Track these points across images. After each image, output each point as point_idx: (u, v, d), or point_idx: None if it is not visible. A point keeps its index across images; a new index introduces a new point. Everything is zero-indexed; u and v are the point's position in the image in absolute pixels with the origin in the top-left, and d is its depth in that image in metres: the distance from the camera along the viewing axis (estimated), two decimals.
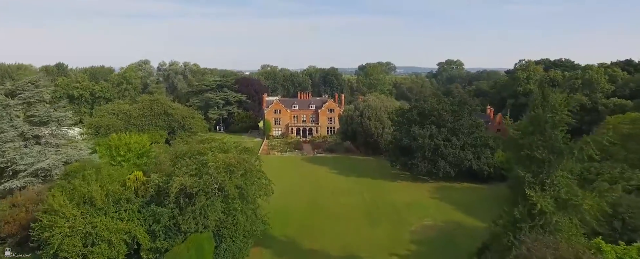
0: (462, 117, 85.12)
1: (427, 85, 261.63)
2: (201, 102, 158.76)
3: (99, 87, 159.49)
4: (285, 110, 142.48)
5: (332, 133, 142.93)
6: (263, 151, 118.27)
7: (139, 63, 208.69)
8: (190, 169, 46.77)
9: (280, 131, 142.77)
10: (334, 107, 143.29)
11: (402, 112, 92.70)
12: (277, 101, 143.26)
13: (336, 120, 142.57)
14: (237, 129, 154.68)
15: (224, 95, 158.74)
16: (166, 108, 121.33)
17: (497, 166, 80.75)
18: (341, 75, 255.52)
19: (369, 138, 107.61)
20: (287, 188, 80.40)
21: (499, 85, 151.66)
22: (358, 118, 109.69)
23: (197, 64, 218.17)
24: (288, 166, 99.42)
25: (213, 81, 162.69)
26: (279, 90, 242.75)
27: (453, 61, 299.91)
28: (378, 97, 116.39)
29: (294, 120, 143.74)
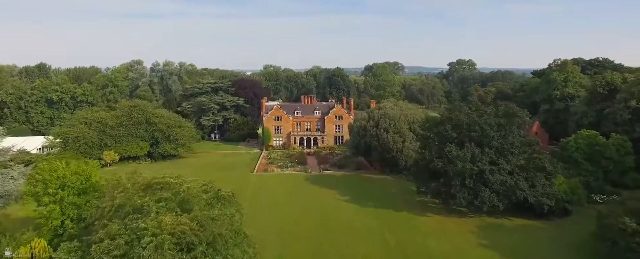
0: (510, 133, 65.00)
1: (438, 87, 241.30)
2: (194, 107, 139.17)
3: (80, 90, 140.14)
4: (286, 117, 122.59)
5: (340, 143, 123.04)
6: (260, 167, 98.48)
7: (131, 63, 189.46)
8: (113, 249, 26.95)
9: (281, 141, 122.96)
10: (342, 114, 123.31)
11: (430, 125, 72.66)
12: (278, 107, 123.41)
13: (345, 128, 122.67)
14: (234, 137, 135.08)
15: (219, 99, 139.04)
16: (148, 116, 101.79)
17: (558, 197, 60.55)
18: (348, 76, 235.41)
19: (386, 154, 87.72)
20: (285, 226, 61.12)
21: (529, 88, 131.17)
22: (373, 129, 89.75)
23: (193, 64, 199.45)
24: (288, 190, 79.63)
25: (207, 83, 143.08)
26: (282, 92, 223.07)
27: (464, 61, 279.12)
28: (396, 103, 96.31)
29: (296, 128, 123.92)
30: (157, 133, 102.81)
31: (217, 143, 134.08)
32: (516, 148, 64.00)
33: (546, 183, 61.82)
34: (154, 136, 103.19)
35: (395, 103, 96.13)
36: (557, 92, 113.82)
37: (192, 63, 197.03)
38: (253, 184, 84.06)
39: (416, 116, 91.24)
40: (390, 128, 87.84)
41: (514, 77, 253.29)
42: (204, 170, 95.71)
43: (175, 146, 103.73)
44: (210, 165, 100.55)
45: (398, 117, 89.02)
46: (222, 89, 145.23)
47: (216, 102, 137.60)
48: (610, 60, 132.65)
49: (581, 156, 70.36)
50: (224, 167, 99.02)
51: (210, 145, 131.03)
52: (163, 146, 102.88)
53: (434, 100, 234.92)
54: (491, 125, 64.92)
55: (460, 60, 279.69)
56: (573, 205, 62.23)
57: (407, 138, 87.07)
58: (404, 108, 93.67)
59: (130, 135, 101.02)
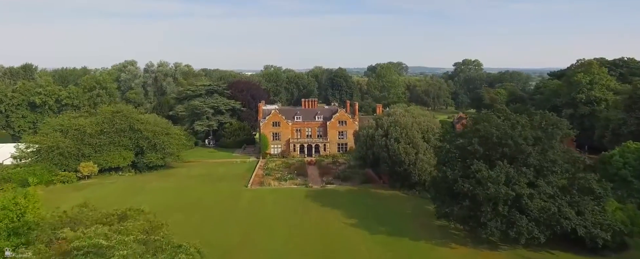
0: (551, 148, 53.66)
1: (444, 88, 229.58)
2: (187, 111, 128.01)
3: (65, 93, 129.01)
4: (285, 122, 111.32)
5: (344, 151, 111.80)
6: (255, 180, 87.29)
7: (123, 64, 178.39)
8: None
9: (279, 148, 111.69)
10: (345, 119, 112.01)
11: (452, 136, 61.36)
12: (276, 111, 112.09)
13: (349, 134, 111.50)
14: (229, 144, 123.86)
15: (214, 102, 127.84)
16: (132, 123, 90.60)
17: (616, 228, 49.05)
18: (351, 77, 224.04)
19: (397, 167, 76.44)
20: None
21: (548, 90, 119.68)
22: (382, 139, 78.48)
23: (189, 65, 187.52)
24: (285, 209, 68.39)
25: (201, 85, 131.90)
26: (282, 93, 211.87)
27: (470, 61, 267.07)
28: (406, 109, 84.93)
29: (296, 135, 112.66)
30: (142, 142, 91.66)
31: (211, 150, 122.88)
32: (558, 166, 52.64)
33: (596, 208, 50.40)
34: (138, 145, 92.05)
35: (405, 109, 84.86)
36: (581, 96, 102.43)
37: (188, 64, 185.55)
38: (246, 201, 72.80)
39: (430, 124, 79.95)
40: (402, 138, 76.52)
41: (523, 77, 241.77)
42: (191, 183, 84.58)
43: (162, 155, 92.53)
44: (199, 177, 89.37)
45: (410, 125, 77.69)
46: (218, 92, 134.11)
47: (210, 106, 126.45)
48: (636, 60, 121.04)
49: (631, 173, 58.88)
50: (215, 179, 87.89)
51: (203, 152, 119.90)
52: (148, 156, 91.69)
53: (440, 102, 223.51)
54: (527, 138, 53.55)
55: (466, 60, 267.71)
56: (633, 237, 50.84)
57: (421, 149, 75.78)
58: (416, 114, 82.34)
59: (112, 143, 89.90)
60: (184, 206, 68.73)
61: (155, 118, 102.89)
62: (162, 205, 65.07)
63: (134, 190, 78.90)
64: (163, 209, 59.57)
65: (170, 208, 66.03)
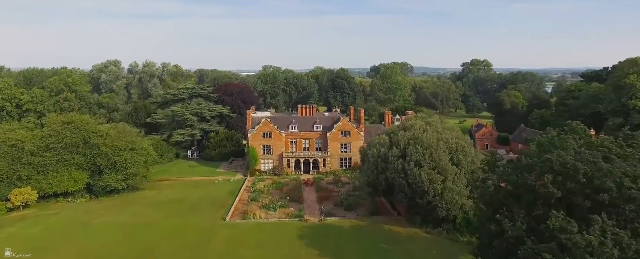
0: None
1: (453, 89, 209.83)
2: (166, 119, 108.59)
3: (27, 97, 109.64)
4: (278, 133, 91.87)
5: (347, 167, 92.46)
6: (237, 209, 68.06)
7: (105, 64, 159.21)
8: None
9: (271, 163, 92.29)
10: (349, 129, 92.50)
11: (502, 169, 41.78)
12: (267, 120, 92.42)
13: (353, 147, 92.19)
14: (214, 156, 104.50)
15: (197, 108, 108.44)
16: (87, 136, 70.96)
17: None
18: (354, 78, 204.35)
19: (418, 198, 57.05)
20: None
21: (585, 95, 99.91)
22: (397, 161, 59.02)
23: (178, 65, 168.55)
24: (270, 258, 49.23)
25: (182, 89, 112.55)
26: (280, 96, 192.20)
27: (479, 61, 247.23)
28: (427, 121, 64.89)
29: (291, 147, 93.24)
30: (100, 160, 72.28)
31: (193, 163, 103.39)
32: None
33: None
34: (95, 164, 72.70)
35: (426, 121, 65.03)
36: (635, 102, 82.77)
37: (176, 64, 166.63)
38: (219, 246, 53.39)
39: (460, 141, 60.34)
40: (425, 160, 57.00)
41: (537, 78, 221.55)
42: (154, 215, 65.10)
43: (123, 176, 73.12)
44: (167, 205, 69.94)
45: (435, 144, 58.12)
46: (202, 96, 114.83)
47: (193, 112, 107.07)
48: None
49: None
50: (186, 208, 68.55)
51: (183, 166, 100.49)
52: (107, 177, 72.29)
53: (449, 105, 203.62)
54: (632, 176, 34.07)
55: (474, 60, 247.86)
56: None
57: (449, 175, 56.35)
58: (439, 128, 62.67)
59: (60, 162, 70.56)
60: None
61: (122, 129, 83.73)
62: None
63: (74, 227, 59.41)
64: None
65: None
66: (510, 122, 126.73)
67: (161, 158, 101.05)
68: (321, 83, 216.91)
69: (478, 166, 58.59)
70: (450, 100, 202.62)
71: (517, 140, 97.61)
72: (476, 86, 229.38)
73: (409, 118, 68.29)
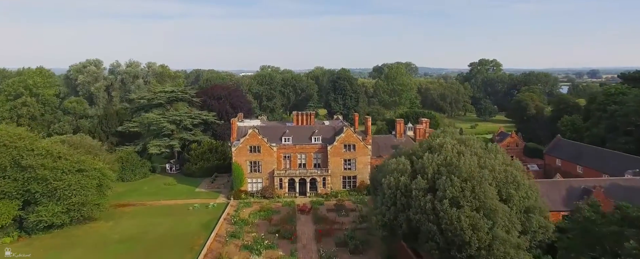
0: None
1: (462, 91, 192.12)
2: (140, 127, 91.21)
3: None
4: (269, 147, 74.43)
5: (352, 187, 75.20)
6: (211, 249, 50.97)
7: (84, 64, 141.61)
8: None
9: (259, 183, 74.92)
10: (354, 142, 75.05)
11: None
12: (255, 131, 74.77)
13: (358, 163, 74.93)
14: (195, 172, 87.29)
15: (176, 114, 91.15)
16: (19, 155, 53.53)
17: None
18: (356, 79, 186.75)
19: (456, 250, 39.65)
20: None
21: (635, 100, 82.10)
22: (424, 197, 41.65)
23: (165, 65, 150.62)
24: None
25: (159, 92, 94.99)
26: (277, 98, 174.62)
27: (488, 61, 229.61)
28: (460, 139, 47.09)
29: (285, 164, 75.86)
30: (36, 186, 54.95)
31: (170, 180, 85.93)
32: None
33: None
34: (28, 191, 55.38)
35: (458, 139, 47.52)
36: None
37: (163, 64, 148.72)
38: None
39: (510, 170, 42.76)
40: (464, 198, 39.55)
41: (551, 79, 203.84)
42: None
43: (65, 207, 55.74)
44: (119, 246, 52.61)
45: (477, 174, 40.61)
46: (183, 100, 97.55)
47: (171, 119, 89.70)
48: None
49: None
50: (142, 252, 51.21)
51: (158, 184, 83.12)
52: (42, 209, 54.89)
53: (458, 108, 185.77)
54: None
55: (483, 60, 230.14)
56: None
57: (500, 218, 38.95)
58: (479, 151, 45.09)
59: None
60: None
61: (78, 142, 66.72)
62: None
63: None
64: None
65: None
66: (534, 129, 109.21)
67: (133, 174, 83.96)
68: (321, 84, 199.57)
69: (536, 202, 41.60)
70: (459, 103, 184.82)
71: (554, 154, 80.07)
72: (485, 87, 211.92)
73: (435, 134, 50.66)
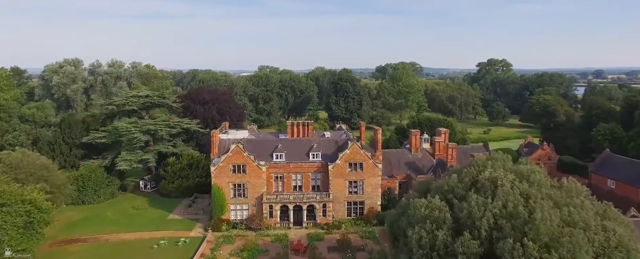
0: None
1: (472, 93, 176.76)
2: (108, 138, 76.09)
3: None
4: (256, 166, 59.25)
5: (359, 216, 60.22)
6: None
7: (61, 64, 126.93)
8: None
9: (245, 211, 59.80)
10: (362, 159, 59.82)
11: None
12: (239, 146, 59.47)
13: (367, 186, 59.96)
14: (172, 191, 72.29)
15: (150, 124, 76.05)
16: None
17: None
18: (359, 81, 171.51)
19: None
20: None
21: None
22: None
23: (150, 65, 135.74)
24: None
25: (132, 97, 79.72)
26: (274, 100, 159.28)
27: (497, 61, 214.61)
28: (517, 171, 31.96)
29: (276, 186, 60.79)
30: None
31: (141, 202, 70.74)
32: None
33: None
34: None
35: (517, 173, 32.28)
36: None
37: (149, 64, 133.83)
38: None
39: (611, 227, 27.67)
40: None
41: (566, 80, 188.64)
42: None
43: None
44: None
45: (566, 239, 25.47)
46: (163, 105, 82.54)
47: (144, 129, 74.59)
48: None
49: None
50: None
51: (125, 207, 67.97)
52: None
53: (467, 111, 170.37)
54: None
55: (492, 60, 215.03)
56: None
57: None
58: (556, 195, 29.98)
59: None
60: None
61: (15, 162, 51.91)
62: None
63: None
64: None
65: None
66: (563, 138, 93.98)
67: (96, 196, 68.97)
68: (322, 85, 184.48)
69: None
70: (469, 105, 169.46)
71: (604, 173, 64.90)
72: (495, 88, 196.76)
73: (478, 163, 35.37)
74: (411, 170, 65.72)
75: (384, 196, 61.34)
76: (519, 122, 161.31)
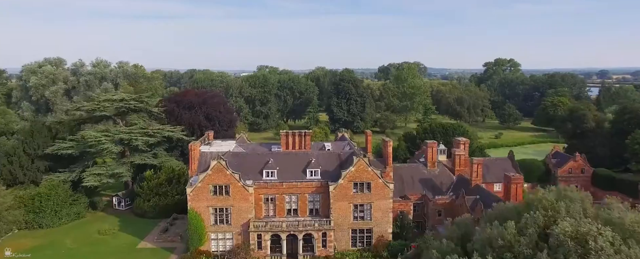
0: None
1: (480, 94, 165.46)
2: (76, 148, 65.14)
3: None
4: (242, 187, 48.22)
5: (366, 246, 49.10)
6: None
7: (41, 63, 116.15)
8: None
9: (229, 240, 48.72)
10: (369, 179, 48.68)
11: None
12: (221, 163, 48.42)
13: (375, 210, 48.90)
14: (149, 211, 61.44)
15: (124, 132, 65.09)
16: None
17: None
18: (362, 81, 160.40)
19: None
20: None
21: None
22: None
23: (139, 65, 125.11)
24: None
25: (105, 101, 68.62)
26: (272, 102, 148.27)
27: (505, 60, 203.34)
28: (620, 226, 21.86)
29: (267, 210, 49.78)
30: None
31: (112, 223, 59.87)
32: None
33: None
34: None
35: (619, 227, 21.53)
36: None
37: (137, 64, 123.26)
38: None
39: None
40: None
41: (578, 81, 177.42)
42: None
43: None
44: None
45: None
46: (140, 111, 71.52)
47: (116, 139, 63.64)
48: None
49: None
50: None
51: (90, 232, 56.95)
52: None
53: (476, 113, 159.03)
54: None
55: (499, 59, 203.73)
56: None
57: None
58: None
59: None
60: None
61: None
62: None
63: None
64: None
65: None
66: (592, 146, 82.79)
67: (56, 218, 58.01)
68: (322, 86, 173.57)
69: None
70: (477, 107, 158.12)
71: None
72: (502, 89, 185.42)
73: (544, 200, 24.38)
74: (427, 188, 54.70)
75: (396, 223, 50.30)
76: (531, 126, 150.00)
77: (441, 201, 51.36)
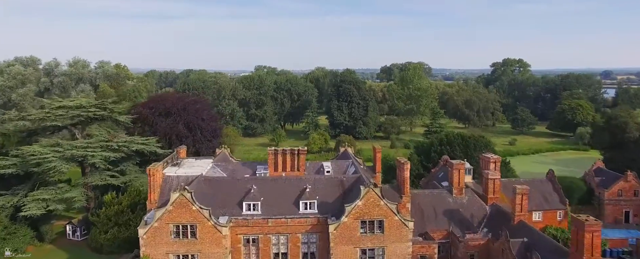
0: None
1: (490, 97, 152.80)
2: (19, 166, 52.38)
3: None
4: (212, 226, 35.72)
5: None
6: None
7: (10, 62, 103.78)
8: None
9: None
10: (382, 215, 36.12)
11: None
12: (185, 195, 36.03)
13: (390, 253, 35.99)
14: (106, 244, 48.78)
15: (79, 146, 52.43)
16: None
17: None
18: (364, 83, 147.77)
19: None
20: None
21: None
22: None
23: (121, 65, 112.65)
24: None
25: (60, 107, 56.02)
26: (268, 105, 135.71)
27: (513, 61, 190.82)
28: None
29: (247, 254, 37.24)
30: None
31: None
32: None
33: None
34: None
35: None
36: None
37: (119, 63, 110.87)
38: None
39: None
40: None
41: (593, 82, 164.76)
42: None
43: None
44: None
45: None
46: (103, 119, 58.95)
47: (68, 155, 51.07)
48: None
49: None
50: None
51: None
52: None
53: (486, 117, 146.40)
54: None
55: (507, 60, 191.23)
56: None
57: None
58: None
59: None
60: None
61: None
62: None
63: None
64: None
65: None
66: (634, 160, 70.11)
67: None
68: (322, 87, 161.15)
69: None
70: (488, 111, 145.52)
71: None
72: (511, 91, 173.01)
73: None
74: (454, 223, 42.06)
75: None
76: (546, 130, 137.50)
77: (475, 243, 38.85)
